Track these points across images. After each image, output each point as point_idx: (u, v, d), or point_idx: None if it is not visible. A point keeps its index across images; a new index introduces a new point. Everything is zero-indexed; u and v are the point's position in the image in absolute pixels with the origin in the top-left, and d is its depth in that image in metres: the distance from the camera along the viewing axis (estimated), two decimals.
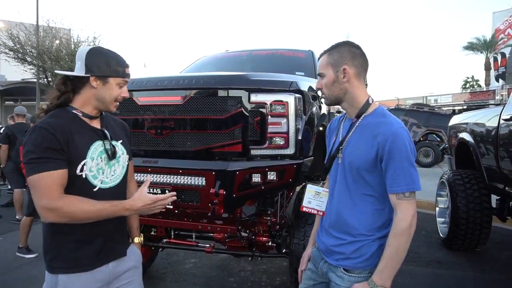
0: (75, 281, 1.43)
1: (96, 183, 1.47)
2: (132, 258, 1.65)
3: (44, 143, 1.33)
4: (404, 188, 1.31)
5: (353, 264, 1.41)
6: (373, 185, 1.39)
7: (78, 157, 1.41)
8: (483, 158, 3.86)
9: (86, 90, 1.47)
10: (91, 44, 18.36)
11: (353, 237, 1.41)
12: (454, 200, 4.10)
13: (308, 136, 2.48)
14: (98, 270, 1.48)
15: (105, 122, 1.57)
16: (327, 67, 1.45)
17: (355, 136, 1.43)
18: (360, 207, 1.41)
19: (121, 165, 1.58)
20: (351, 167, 1.41)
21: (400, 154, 1.31)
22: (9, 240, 4.78)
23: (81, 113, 1.47)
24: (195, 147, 2.40)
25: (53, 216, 1.33)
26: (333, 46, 1.47)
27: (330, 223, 1.51)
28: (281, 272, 3.63)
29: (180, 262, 3.91)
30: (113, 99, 1.50)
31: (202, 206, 2.40)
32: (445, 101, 30.34)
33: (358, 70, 1.43)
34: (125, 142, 1.64)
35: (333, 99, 1.48)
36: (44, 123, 1.38)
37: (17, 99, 22.73)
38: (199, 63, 4.46)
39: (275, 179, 2.32)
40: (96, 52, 1.47)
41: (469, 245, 4.15)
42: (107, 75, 1.45)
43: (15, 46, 17.28)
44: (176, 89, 2.43)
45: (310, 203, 1.62)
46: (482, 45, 29.71)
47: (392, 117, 1.40)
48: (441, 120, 13.21)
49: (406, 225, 1.30)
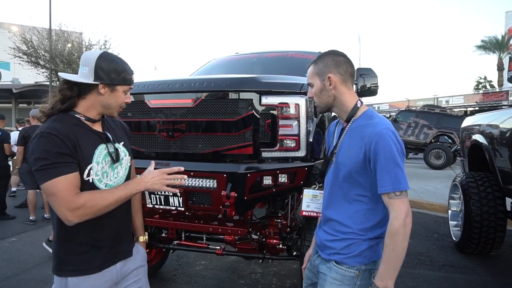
0: (84, 283, 1.44)
1: (101, 186, 1.47)
2: (138, 257, 1.67)
3: (55, 149, 1.32)
4: (390, 188, 1.34)
5: (341, 259, 1.47)
6: (365, 186, 1.44)
7: (85, 162, 1.40)
8: (497, 160, 3.79)
9: (92, 96, 1.46)
10: (102, 47, 18.60)
11: (345, 235, 1.47)
12: (468, 203, 4.03)
13: (319, 138, 2.47)
14: (106, 271, 1.50)
15: (106, 124, 1.57)
16: (314, 76, 1.53)
17: (346, 139, 1.49)
18: (353, 207, 1.47)
19: (124, 167, 1.59)
20: (344, 170, 1.46)
21: (384, 154, 1.34)
22: (23, 241, 4.85)
23: (84, 117, 1.46)
24: (206, 150, 2.41)
25: (78, 216, 1.33)
26: (318, 56, 1.55)
27: (325, 221, 1.58)
28: (291, 275, 3.62)
29: (190, 264, 3.93)
30: (119, 105, 1.51)
31: (213, 208, 2.41)
32: (456, 102, 29.90)
33: (343, 76, 1.49)
34: (126, 143, 1.64)
35: (324, 106, 1.55)
36: (50, 129, 1.35)
37: (30, 101, 23.10)
38: (210, 66, 4.48)
39: (286, 181, 2.31)
40: (106, 59, 1.45)
41: (483, 249, 4.07)
42: (116, 83, 1.45)
43: (28, 50, 17.62)
44: (187, 92, 2.45)
45: (309, 207, 1.70)
46: (495, 45, 29.23)
47: (379, 118, 1.44)
48: (452, 121, 13.04)
49: (400, 224, 1.32)
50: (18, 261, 4.12)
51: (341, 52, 1.55)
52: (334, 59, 1.51)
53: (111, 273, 1.52)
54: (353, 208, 1.47)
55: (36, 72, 18.26)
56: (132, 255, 1.63)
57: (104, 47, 18.63)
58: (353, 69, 1.54)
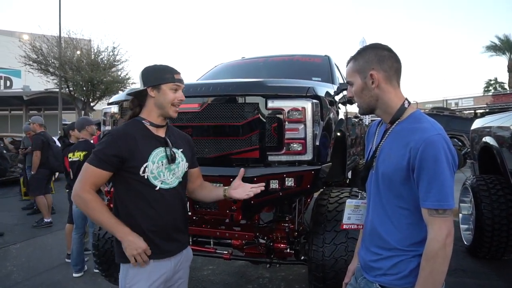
0: (143, 271, 1.64)
1: (157, 183, 1.68)
2: (186, 254, 1.86)
3: (107, 146, 1.62)
4: (435, 204, 1.18)
5: (390, 281, 1.29)
6: (406, 198, 1.27)
7: (141, 160, 1.64)
8: (508, 163, 3.73)
9: (148, 101, 1.73)
10: (111, 54, 18.83)
11: (389, 252, 1.30)
12: (479, 207, 3.97)
13: (326, 141, 2.45)
14: (162, 264, 1.68)
15: (169, 132, 1.80)
16: (353, 74, 1.37)
17: (388, 143, 1.33)
18: (394, 220, 1.31)
19: (180, 170, 1.77)
20: (384, 177, 1.31)
21: (432, 164, 1.17)
22: (33, 246, 4.90)
23: (148, 122, 1.72)
24: (212, 154, 2.41)
25: (75, 200, 1.63)
26: (358, 51, 1.38)
27: (367, 237, 1.42)
28: (299, 279, 3.59)
29: (198, 269, 3.92)
30: (169, 103, 1.70)
31: (220, 212, 2.40)
32: (466, 104, 29.57)
33: (387, 73, 1.32)
34: (186, 151, 1.83)
35: (366, 107, 1.39)
36: (114, 130, 1.75)
37: (40, 108, 23.47)
38: (216, 70, 4.50)
39: (293, 185, 2.30)
40: (148, 68, 1.75)
41: (496, 254, 3.99)
42: (158, 83, 1.68)
43: (38, 58, 17.89)
44: (194, 96, 2.45)
45: (350, 219, 1.55)
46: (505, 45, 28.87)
47: (430, 122, 1.27)
48: (462, 124, 12.88)
49: (439, 246, 1.16)
50: (28, 266, 4.16)
51: (385, 45, 1.37)
52: (377, 53, 1.33)
53: (166, 267, 1.70)
54: (396, 220, 1.30)
55: (46, 79, 18.50)
56: (187, 247, 1.85)
57: (112, 54, 18.84)
58: (399, 64, 1.36)
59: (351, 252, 2.35)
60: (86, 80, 17.77)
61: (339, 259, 2.37)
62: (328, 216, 2.53)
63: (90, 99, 18.85)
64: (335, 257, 2.38)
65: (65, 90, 18.21)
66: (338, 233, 2.43)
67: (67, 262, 4.16)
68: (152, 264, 1.66)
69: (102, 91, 18.56)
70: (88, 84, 18.18)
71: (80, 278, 3.81)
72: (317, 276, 2.44)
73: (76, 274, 3.83)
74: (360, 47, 1.42)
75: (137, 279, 1.64)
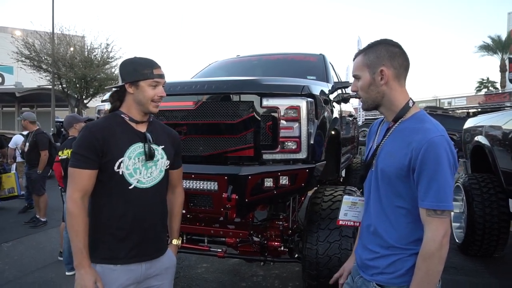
0: (109, 273, 1.53)
1: (132, 181, 1.57)
2: (165, 261, 1.69)
3: (83, 142, 1.53)
4: (434, 205, 1.17)
5: (387, 280, 1.29)
6: (405, 197, 1.27)
7: (117, 155, 1.54)
8: (500, 162, 3.78)
9: (127, 97, 1.64)
10: (104, 50, 18.67)
11: (386, 250, 1.30)
12: (470, 205, 4.01)
13: (321, 140, 2.46)
14: (131, 269, 1.56)
15: (151, 127, 1.69)
16: (362, 68, 1.34)
17: (389, 142, 1.32)
18: (392, 219, 1.30)
19: (159, 168, 1.65)
20: (383, 175, 1.31)
21: (433, 165, 1.17)
22: (25, 244, 4.86)
23: (128, 117, 1.63)
24: (207, 152, 2.41)
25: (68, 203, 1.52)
26: (369, 45, 1.35)
27: (364, 235, 1.43)
28: (293, 277, 3.60)
29: (192, 267, 3.92)
30: (149, 99, 1.60)
31: (215, 210, 2.41)
32: (459, 103, 29.84)
33: (397, 71, 1.30)
34: (168, 149, 1.71)
35: (371, 103, 1.36)
36: (91, 123, 1.63)
37: (33, 105, 23.21)
38: (211, 68, 4.49)
39: (287, 183, 2.31)
40: (125, 63, 1.65)
41: (487, 251, 4.04)
42: (136, 80, 1.58)
43: (31, 54, 17.69)
44: (188, 94, 2.45)
45: (346, 215, 1.54)
46: (497, 45, 29.16)
47: (432, 123, 1.25)
48: (455, 123, 12.92)
49: (436, 247, 1.17)
50: (21, 264, 4.12)
51: (396, 42, 1.34)
52: (389, 49, 1.30)
53: (136, 273, 1.57)
54: (394, 219, 1.30)
55: (39, 76, 18.32)
56: (161, 256, 1.66)
57: (106, 51, 18.70)
58: (408, 62, 1.34)
59: (344, 250, 2.37)
60: (79, 77, 17.63)
61: (332, 257, 2.38)
62: (322, 214, 2.54)
63: (83, 96, 18.71)
64: (328, 255, 2.39)
65: (58, 87, 18.05)
66: (332, 231, 2.44)
67: (59, 260, 4.13)
68: (118, 271, 1.54)
69: (96, 88, 18.44)
70: (81, 81, 18.05)
71: (73, 276, 3.75)
72: (311, 274, 2.45)
73: (69, 273, 3.80)
74: (358, 46, 1.41)
75: (104, 282, 1.52)
